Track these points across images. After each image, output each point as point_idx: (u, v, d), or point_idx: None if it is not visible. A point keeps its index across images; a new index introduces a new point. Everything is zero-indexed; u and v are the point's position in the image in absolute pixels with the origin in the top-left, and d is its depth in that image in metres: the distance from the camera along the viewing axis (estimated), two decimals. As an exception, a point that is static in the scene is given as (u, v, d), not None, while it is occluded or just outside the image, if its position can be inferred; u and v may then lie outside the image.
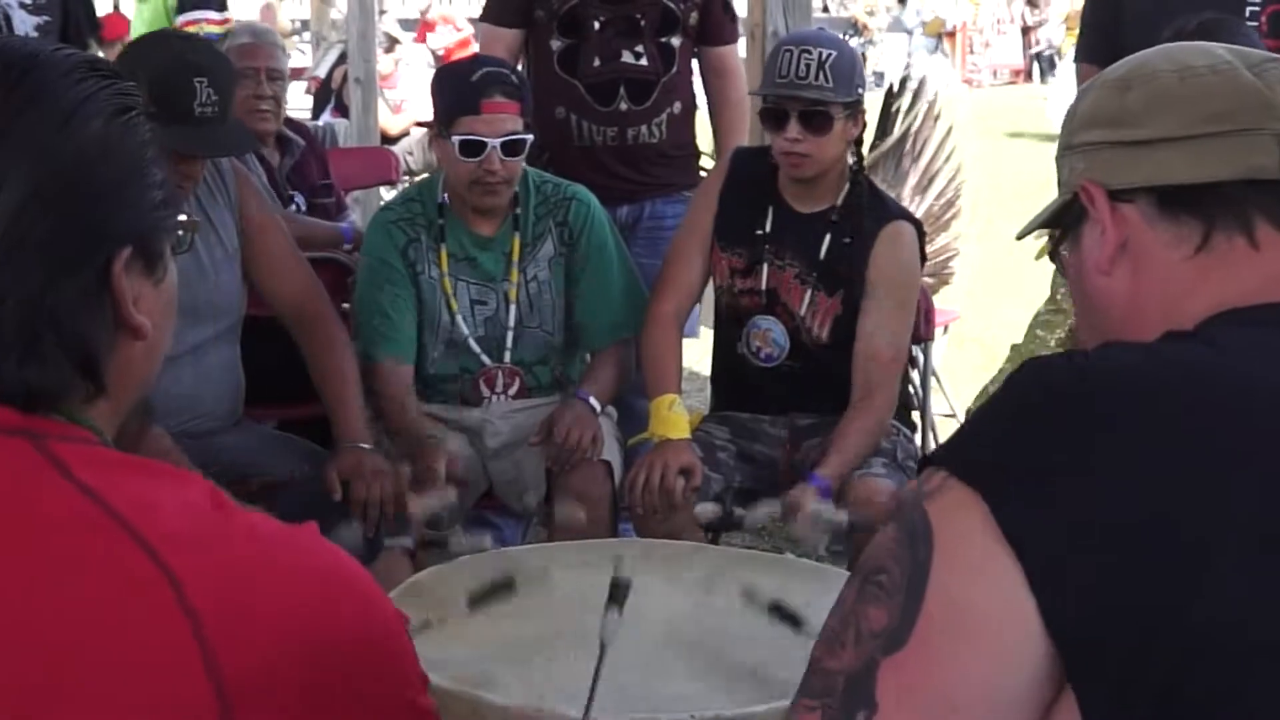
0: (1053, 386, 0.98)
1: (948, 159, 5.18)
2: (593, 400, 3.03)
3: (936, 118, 5.17)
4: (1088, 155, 1.17)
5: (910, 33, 18.77)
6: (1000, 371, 4.35)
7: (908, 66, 16.35)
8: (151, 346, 1.03)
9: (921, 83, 5.32)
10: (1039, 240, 1.28)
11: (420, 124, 8.50)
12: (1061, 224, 1.22)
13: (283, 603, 0.92)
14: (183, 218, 1.07)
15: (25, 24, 2.85)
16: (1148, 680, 0.88)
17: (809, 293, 3.03)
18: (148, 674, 0.87)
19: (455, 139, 2.95)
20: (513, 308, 3.11)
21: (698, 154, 3.80)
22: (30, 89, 0.97)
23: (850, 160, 3.06)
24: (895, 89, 5.32)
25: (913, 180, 5.14)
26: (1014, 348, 4.31)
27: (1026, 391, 0.99)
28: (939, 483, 0.97)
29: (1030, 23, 21.34)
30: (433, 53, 10.25)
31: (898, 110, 5.19)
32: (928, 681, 0.92)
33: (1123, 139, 1.14)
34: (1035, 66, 21.05)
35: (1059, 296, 3.97)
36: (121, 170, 1.00)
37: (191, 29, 6.18)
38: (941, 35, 18.73)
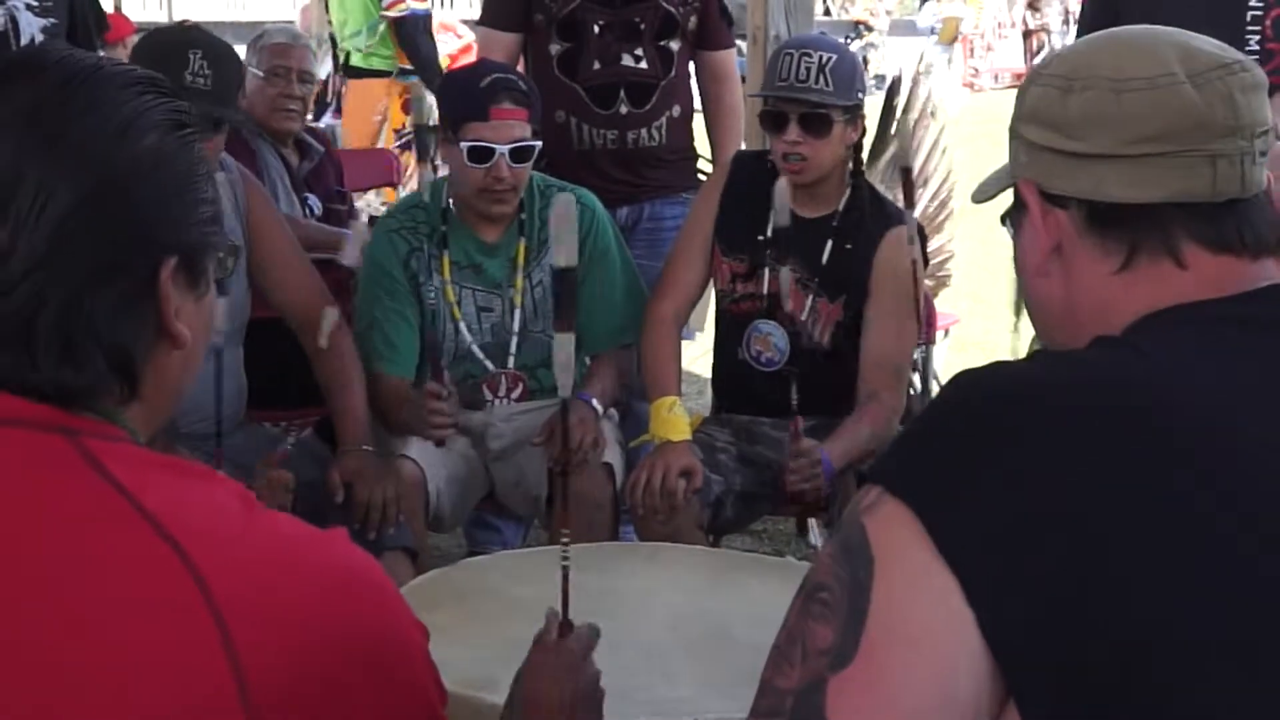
0: (978, 400, 1.00)
1: (940, 160, 5.16)
2: (595, 403, 3.03)
3: (932, 115, 5.15)
4: (1030, 151, 1.18)
5: (926, 34, 18.25)
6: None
7: (923, 68, 16.09)
8: (188, 358, 1.06)
9: (915, 82, 5.30)
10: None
11: (425, 129, 8.48)
12: (1013, 200, 1.22)
13: (307, 604, 0.94)
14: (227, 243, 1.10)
15: (32, 26, 2.84)
16: (1085, 683, 0.89)
17: (810, 298, 3.04)
18: (173, 669, 0.89)
19: (463, 145, 2.95)
20: (517, 313, 3.12)
21: (695, 157, 3.81)
22: (90, 98, 1.00)
23: (850, 165, 3.06)
24: (894, 88, 5.31)
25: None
26: None
27: (953, 406, 1.01)
28: (874, 498, 0.98)
29: (1032, 26, 21.32)
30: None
31: (894, 110, 5.18)
32: (875, 697, 0.92)
33: (1061, 148, 1.14)
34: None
35: None
36: (172, 183, 1.02)
37: (399, 9, 6.28)
38: (957, 38, 18.29)
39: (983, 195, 1.32)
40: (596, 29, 3.54)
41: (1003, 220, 1.26)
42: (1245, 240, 1.10)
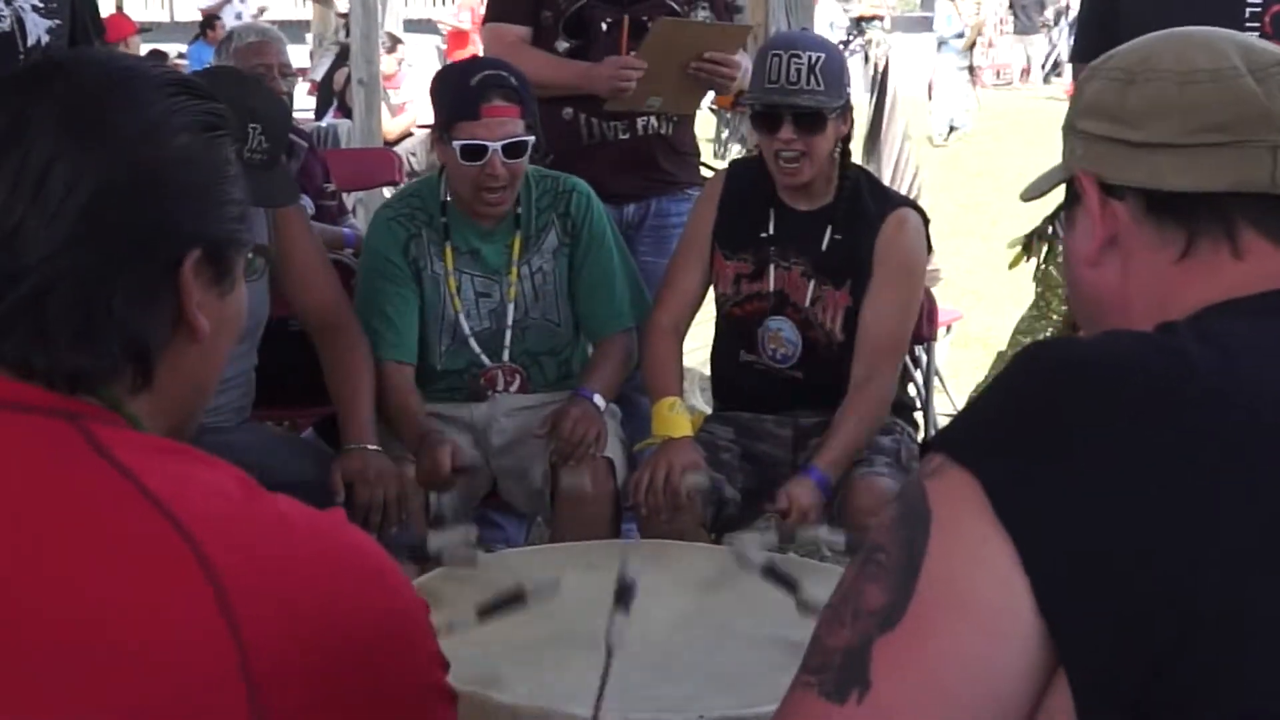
0: (1048, 371, 1.00)
1: (908, 158, 5.19)
2: (596, 398, 3.04)
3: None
4: (1087, 143, 1.18)
5: (945, 41, 17.58)
6: (987, 376, 4.35)
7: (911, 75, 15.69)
8: (207, 354, 1.07)
9: (885, 77, 5.33)
10: (1025, 246, 1.29)
11: (423, 126, 8.49)
12: (1065, 195, 1.23)
13: (307, 579, 0.95)
14: (257, 243, 1.12)
15: (38, 27, 2.84)
16: (1138, 660, 0.89)
17: (812, 285, 3.04)
18: (177, 650, 0.90)
19: (456, 144, 2.96)
20: (510, 306, 3.12)
21: (698, 154, 3.82)
22: (125, 96, 1.03)
23: (838, 155, 3.06)
24: (884, 80, 5.34)
25: (886, 175, 5.16)
26: (999, 355, 4.32)
27: (1022, 376, 1.01)
28: (937, 465, 0.98)
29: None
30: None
31: (884, 102, 5.22)
32: (920, 661, 0.93)
33: (1120, 137, 1.15)
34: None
35: (1043, 302, 3.97)
36: (200, 179, 1.05)
37: None
38: (975, 44, 17.76)
39: (1032, 194, 1.32)
40: (604, 26, 3.55)
41: (1053, 218, 1.26)
42: None
